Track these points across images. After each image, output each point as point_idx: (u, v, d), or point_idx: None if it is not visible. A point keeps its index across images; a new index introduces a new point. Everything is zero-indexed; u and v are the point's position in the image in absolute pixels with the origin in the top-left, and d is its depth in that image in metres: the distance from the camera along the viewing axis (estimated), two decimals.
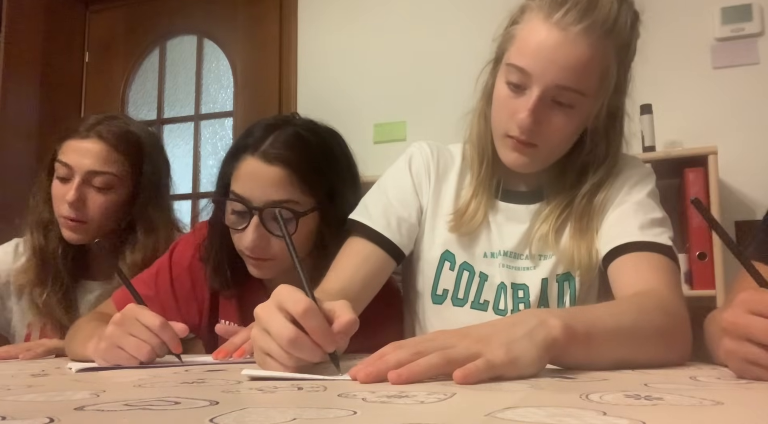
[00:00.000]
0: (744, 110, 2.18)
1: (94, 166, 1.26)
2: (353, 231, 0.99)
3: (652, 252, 0.89)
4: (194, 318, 1.16)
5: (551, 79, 0.87)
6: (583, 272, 0.96)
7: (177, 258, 1.16)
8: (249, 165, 1.01)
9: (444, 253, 1.01)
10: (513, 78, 0.90)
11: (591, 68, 0.88)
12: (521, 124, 0.90)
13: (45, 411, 0.42)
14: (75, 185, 1.26)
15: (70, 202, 1.25)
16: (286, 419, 0.37)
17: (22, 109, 2.88)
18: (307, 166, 1.02)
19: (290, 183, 1.00)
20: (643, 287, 0.84)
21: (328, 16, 2.78)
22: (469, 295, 1.00)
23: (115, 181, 1.28)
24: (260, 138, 1.02)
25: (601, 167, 0.98)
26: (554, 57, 0.87)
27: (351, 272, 0.93)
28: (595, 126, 0.95)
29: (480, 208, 1.00)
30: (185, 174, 3.04)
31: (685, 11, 2.27)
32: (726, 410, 0.42)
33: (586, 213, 0.97)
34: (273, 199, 1.00)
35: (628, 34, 0.92)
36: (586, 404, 0.43)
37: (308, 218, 1.02)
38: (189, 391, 0.53)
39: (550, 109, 0.90)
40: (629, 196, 0.97)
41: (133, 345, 0.82)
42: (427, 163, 1.05)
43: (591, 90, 0.89)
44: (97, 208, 1.27)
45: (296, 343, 0.60)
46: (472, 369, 0.55)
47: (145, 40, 3.13)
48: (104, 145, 1.27)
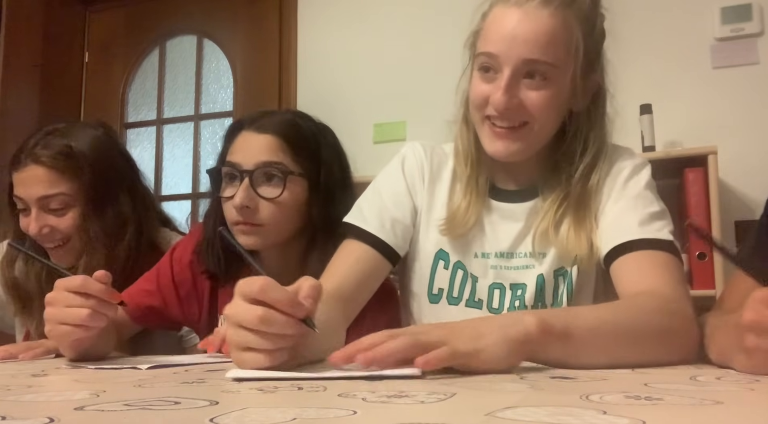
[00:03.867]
0: (744, 110, 2.18)
1: (44, 190, 1.23)
2: (348, 233, 0.99)
3: (653, 250, 0.88)
4: (194, 313, 1.18)
5: (518, 54, 0.88)
6: (582, 260, 0.95)
7: (178, 256, 1.19)
8: (243, 137, 1.08)
9: (438, 252, 1.01)
10: (484, 64, 0.92)
11: (555, 38, 0.88)
12: (497, 103, 0.90)
13: (45, 411, 0.42)
14: (34, 216, 1.23)
15: (34, 234, 1.24)
16: (286, 419, 0.37)
17: (22, 109, 2.87)
18: (297, 139, 1.08)
19: (280, 148, 1.06)
20: (646, 288, 0.83)
21: (328, 16, 2.78)
22: (463, 294, 1.00)
23: (69, 200, 1.24)
24: (257, 117, 1.10)
25: (588, 150, 0.97)
26: (516, 33, 0.88)
27: (345, 274, 0.93)
28: (576, 107, 0.96)
29: (471, 211, 0.99)
30: (185, 174, 3.04)
31: (685, 11, 2.27)
32: (726, 410, 0.42)
33: (583, 200, 0.96)
34: (262, 161, 1.04)
35: (589, 7, 0.93)
36: (586, 404, 0.43)
37: (296, 183, 1.06)
38: (189, 391, 0.53)
39: (525, 85, 0.90)
40: (626, 189, 0.96)
41: (72, 315, 0.82)
42: (420, 163, 1.05)
43: (560, 60, 0.90)
44: (64, 229, 1.25)
45: (266, 319, 0.61)
46: (434, 355, 0.58)
47: (145, 40, 3.13)
48: (44, 169, 1.23)
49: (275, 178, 1.05)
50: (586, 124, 0.97)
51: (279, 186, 1.04)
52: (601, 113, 0.99)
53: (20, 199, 1.25)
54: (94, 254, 1.25)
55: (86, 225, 1.25)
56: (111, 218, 1.27)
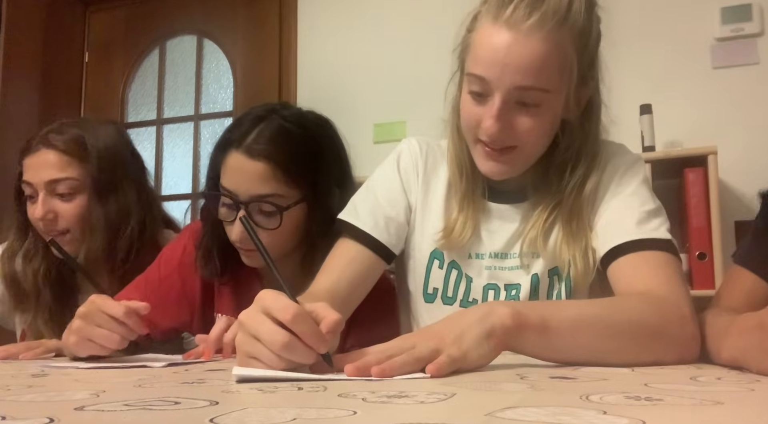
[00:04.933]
0: (744, 110, 2.18)
1: (53, 174, 1.25)
2: (342, 231, 0.99)
3: (651, 250, 0.87)
4: (185, 316, 1.18)
5: (510, 81, 0.84)
6: (578, 277, 0.93)
7: (166, 258, 1.18)
8: (234, 159, 1.04)
9: (433, 251, 1.01)
10: (474, 87, 0.88)
11: (549, 63, 0.84)
12: (488, 131, 0.88)
13: (45, 411, 0.41)
14: (41, 200, 1.24)
15: (39, 217, 1.24)
16: (286, 419, 0.37)
17: (22, 109, 2.87)
18: (291, 160, 1.03)
19: (274, 177, 1.02)
20: (643, 288, 0.83)
21: (327, 16, 2.78)
22: (457, 294, 1.00)
23: (78, 185, 1.26)
24: (245, 132, 1.04)
25: (581, 163, 0.95)
26: (508, 59, 0.84)
27: (338, 274, 0.93)
28: (568, 120, 0.93)
29: (468, 222, 0.99)
30: (185, 174, 3.04)
31: (685, 11, 2.27)
32: (726, 410, 0.42)
33: (576, 211, 0.95)
34: (257, 194, 1.02)
35: (584, 20, 0.87)
36: (586, 404, 0.43)
37: (294, 210, 1.05)
38: (189, 391, 0.53)
39: (516, 111, 0.87)
40: (620, 187, 0.95)
41: (102, 336, 0.85)
42: (415, 160, 1.05)
43: (553, 85, 0.86)
44: (69, 216, 1.26)
45: (290, 347, 0.61)
46: (440, 364, 0.61)
47: (145, 40, 3.13)
48: (56, 153, 1.25)
49: (271, 210, 1.03)
50: (579, 137, 0.95)
51: (276, 218, 1.03)
52: (594, 126, 0.96)
53: (29, 185, 1.27)
54: (94, 242, 1.26)
55: (89, 212, 1.27)
56: (114, 208, 1.28)
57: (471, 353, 0.65)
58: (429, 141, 1.08)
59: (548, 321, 0.69)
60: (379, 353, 0.64)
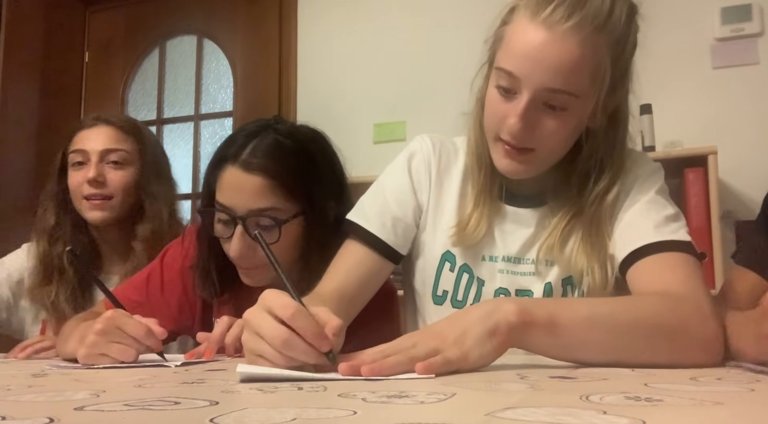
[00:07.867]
0: (744, 110, 2.18)
1: (108, 144, 1.37)
2: (350, 232, 0.98)
3: (671, 251, 0.85)
4: (187, 320, 1.17)
5: (540, 81, 0.83)
6: (596, 287, 0.91)
7: (168, 262, 1.18)
8: (230, 174, 1.02)
9: (445, 253, 1.00)
10: (502, 82, 0.86)
11: (582, 68, 0.82)
12: (511, 129, 0.86)
13: (45, 411, 0.41)
14: (93, 164, 1.34)
15: (90, 179, 1.33)
16: (286, 419, 0.37)
17: (22, 109, 2.87)
18: (287, 174, 1.02)
19: (271, 191, 1.01)
20: (661, 288, 0.81)
21: (328, 16, 2.78)
22: (468, 297, 0.99)
23: (128, 157, 1.38)
24: (240, 147, 1.03)
25: (605, 173, 0.93)
26: (541, 58, 0.82)
27: (345, 275, 0.93)
28: (593, 128, 0.92)
29: (483, 220, 0.97)
30: (185, 174, 3.04)
31: (685, 11, 2.27)
32: (726, 410, 0.42)
33: (596, 221, 0.93)
34: (255, 208, 1.01)
35: (623, 28, 0.86)
36: (586, 404, 0.43)
37: (292, 224, 1.03)
38: (189, 391, 0.53)
39: (542, 112, 0.86)
40: (639, 195, 0.94)
41: (118, 351, 0.84)
42: (428, 159, 1.03)
43: (583, 91, 0.84)
44: (117, 183, 1.36)
45: (289, 343, 0.62)
46: (431, 363, 0.61)
47: (145, 40, 3.13)
48: (112, 128, 1.39)
49: (270, 224, 1.02)
50: (603, 146, 0.93)
51: (274, 232, 1.01)
52: (621, 135, 0.95)
53: (81, 152, 1.37)
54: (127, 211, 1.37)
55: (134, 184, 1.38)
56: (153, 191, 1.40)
57: (472, 353, 0.65)
58: (443, 139, 1.05)
59: (557, 318, 0.68)
60: (376, 352, 0.64)
